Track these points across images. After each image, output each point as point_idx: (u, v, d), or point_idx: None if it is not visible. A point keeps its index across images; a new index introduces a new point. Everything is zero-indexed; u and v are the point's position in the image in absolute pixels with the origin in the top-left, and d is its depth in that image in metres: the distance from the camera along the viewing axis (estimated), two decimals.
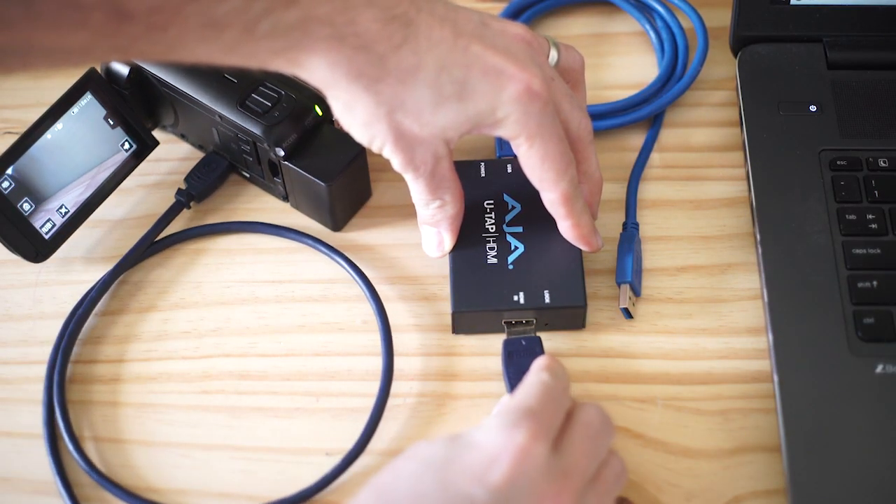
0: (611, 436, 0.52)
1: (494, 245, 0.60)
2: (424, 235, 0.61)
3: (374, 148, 0.56)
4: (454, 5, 0.55)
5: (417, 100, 0.53)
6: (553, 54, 0.59)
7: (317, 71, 0.52)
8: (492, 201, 0.62)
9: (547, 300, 0.58)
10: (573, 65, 0.60)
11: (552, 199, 0.58)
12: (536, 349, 0.58)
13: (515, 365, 0.58)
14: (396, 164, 0.56)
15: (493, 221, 0.61)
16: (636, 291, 0.61)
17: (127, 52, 0.51)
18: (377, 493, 0.47)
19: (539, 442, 0.48)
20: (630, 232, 0.62)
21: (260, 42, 0.49)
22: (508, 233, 0.61)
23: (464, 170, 0.63)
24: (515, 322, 0.59)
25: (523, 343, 0.59)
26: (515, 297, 0.58)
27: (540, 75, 0.54)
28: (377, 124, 0.54)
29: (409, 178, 0.57)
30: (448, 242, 0.60)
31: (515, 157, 0.64)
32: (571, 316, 0.59)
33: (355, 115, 0.54)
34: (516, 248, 0.60)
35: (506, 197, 0.62)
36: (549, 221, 0.60)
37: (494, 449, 0.47)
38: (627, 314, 0.60)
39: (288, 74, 0.53)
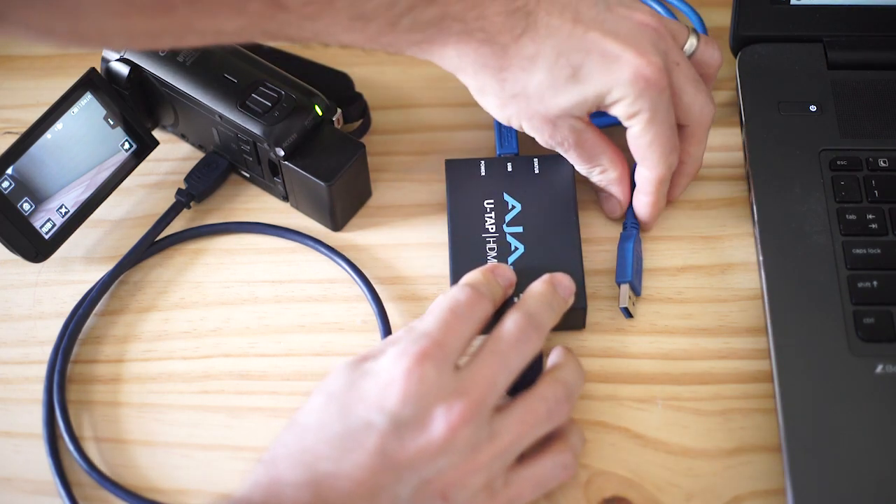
0: (527, 355, 0.53)
1: (494, 245, 0.60)
2: (601, 200, 0.64)
3: (515, 126, 0.60)
4: None
5: (538, 84, 0.56)
6: (692, 41, 0.61)
7: (448, 60, 0.57)
8: (492, 200, 0.62)
9: None
10: (709, 59, 0.62)
11: (647, 177, 0.60)
12: None
13: None
14: (540, 140, 0.60)
15: (493, 221, 0.61)
16: (636, 291, 0.61)
17: (275, 35, 0.54)
18: (292, 427, 0.50)
19: (430, 362, 0.50)
20: (630, 231, 0.62)
21: (400, 35, 0.55)
22: (508, 233, 0.61)
23: (463, 168, 0.63)
24: None
25: None
26: (515, 299, 0.58)
27: (657, 61, 0.56)
28: (509, 107, 0.58)
29: (559, 151, 0.61)
30: (619, 204, 0.63)
31: (516, 154, 0.64)
32: (572, 317, 0.59)
33: (488, 98, 0.59)
34: (516, 248, 0.60)
35: (506, 196, 0.62)
36: (549, 222, 0.60)
37: (388, 375, 0.50)
38: (627, 314, 0.60)
39: (419, 58, 0.58)
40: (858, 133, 0.63)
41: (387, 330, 0.60)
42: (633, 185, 0.62)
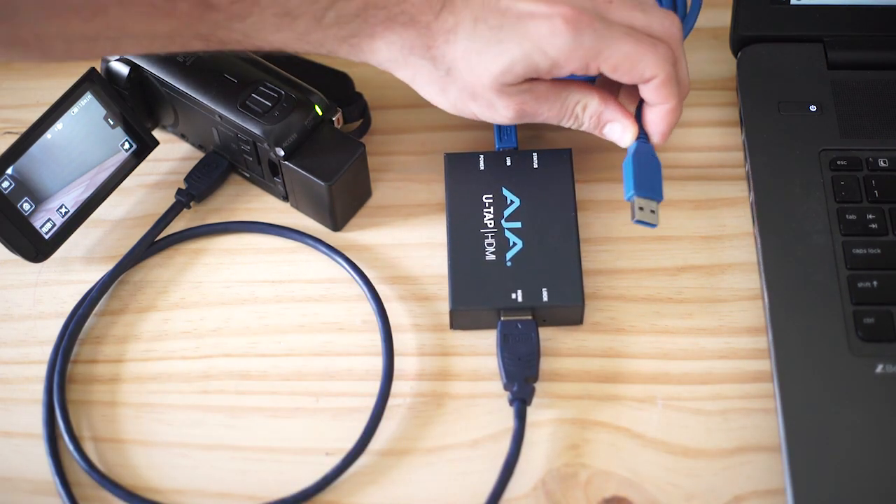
0: None
1: (493, 241, 0.60)
2: (607, 136, 0.61)
3: (468, 116, 0.59)
4: None
5: (463, 52, 0.56)
6: None
7: (379, 54, 0.57)
8: (490, 195, 0.62)
9: (545, 298, 0.58)
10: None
11: (656, 83, 0.57)
12: (532, 334, 0.58)
13: (510, 348, 0.58)
14: (502, 119, 0.59)
15: (491, 216, 0.61)
16: (656, 197, 0.58)
17: (207, 39, 0.55)
18: None
19: None
20: (634, 144, 0.59)
21: (327, 31, 0.56)
22: (507, 228, 0.61)
23: (462, 162, 0.63)
24: (513, 318, 0.59)
25: (519, 326, 0.58)
26: (513, 296, 0.58)
27: (574, 7, 0.55)
28: (449, 90, 0.58)
29: (529, 121, 0.59)
30: (618, 130, 0.60)
31: (515, 148, 0.64)
32: (569, 313, 0.59)
33: (428, 88, 0.59)
34: (514, 244, 0.60)
35: (504, 191, 0.62)
36: (547, 218, 0.61)
37: None
38: (647, 224, 0.57)
39: (356, 61, 0.58)
40: (858, 133, 0.63)
41: (387, 330, 0.60)
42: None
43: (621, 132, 0.60)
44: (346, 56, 0.58)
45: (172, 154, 0.68)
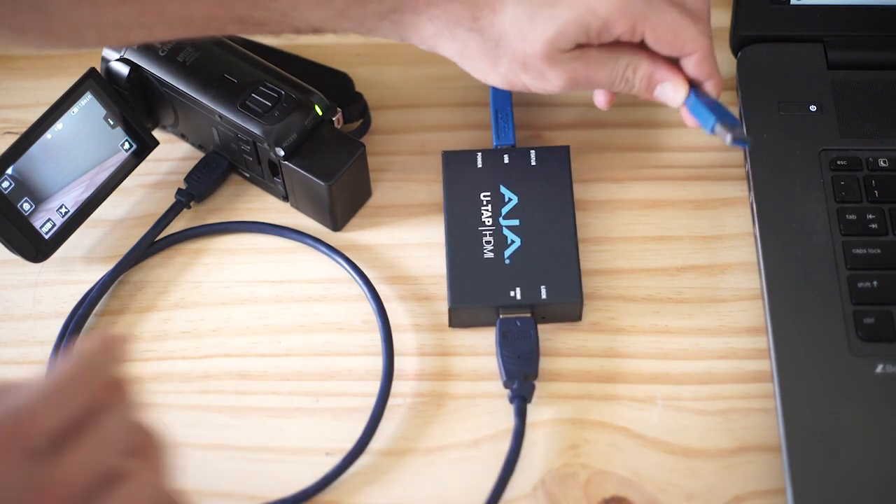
0: (120, 444, 0.41)
1: (491, 239, 0.60)
2: (660, 96, 0.59)
3: (519, 88, 0.57)
4: None
5: (514, 20, 0.55)
6: None
7: (421, 29, 0.56)
8: (488, 193, 0.62)
9: (544, 296, 0.59)
10: None
11: (697, 59, 0.57)
12: (531, 331, 0.58)
13: (510, 346, 0.58)
14: (554, 89, 0.57)
15: (489, 214, 0.61)
16: (730, 120, 0.56)
17: (244, 22, 0.53)
18: None
19: (7, 454, 0.37)
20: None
21: (367, 6, 0.54)
22: (505, 226, 0.61)
23: (460, 160, 0.63)
24: (512, 316, 0.59)
25: (518, 324, 0.59)
26: (512, 293, 0.59)
27: None
28: (500, 62, 0.56)
29: (583, 89, 0.58)
30: (670, 90, 0.58)
31: (513, 146, 0.64)
32: (568, 310, 0.59)
33: (477, 62, 0.57)
34: (513, 241, 0.60)
35: (502, 188, 0.62)
36: (545, 215, 0.61)
37: None
38: (744, 143, 0.56)
39: (397, 41, 0.56)
40: (858, 133, 0.63)
41: (387, 330, 0.60)
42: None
43: (673, 91, 0.58)
44: (387, 35, 0.56)
45: (172, 154, 0.68)
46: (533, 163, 0.63)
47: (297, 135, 0.62)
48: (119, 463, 0.40)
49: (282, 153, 0.61)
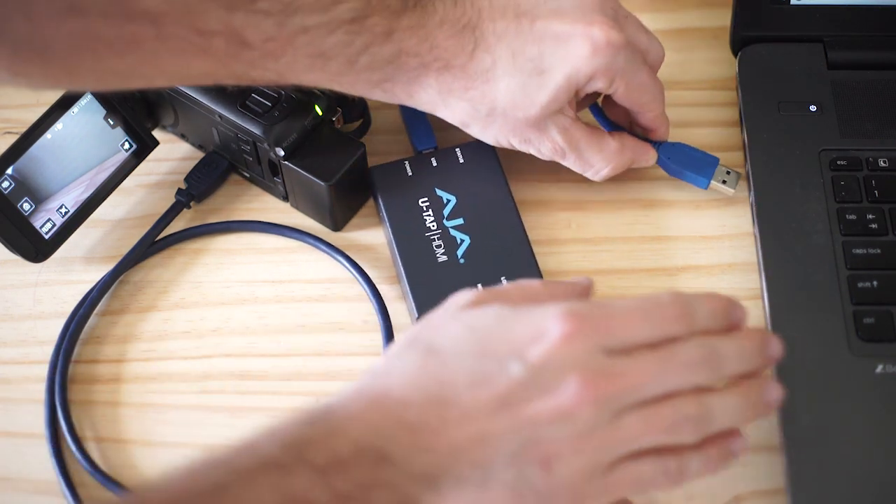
0: (687, 383, 0.48)
1: (440, 242, 0.60)
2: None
3: (506, 146, 0.60)
4: None
5: (506, 90, 0.56)
6: None
7: (414, 97, 0.58)
8: (426, 198, 0.62)
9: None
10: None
11: (655, 115, 0.61)
12: None
13: None
14: (537, 153, 0.60)
15: (433, 219, 0.61)
16: (712, 166, 0.63)
17: (241, 77, 0.55)
18: (415, 346, 0.48)
19: (589, 334, 0.46)
20: (659, 151, 0.63)
21: (360, 74, 0.56)
22: (450, 227, 0.61)
23: (389, 172, 0.63)
24: None
25: None
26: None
27: (609, 23, 0.56)
28: (490, 127, 0.59)
29: (562, 162, 0.61)
30: (643, 159, 0.63)
31: (435, 149, 0.64)
32: None
33: (470, 127, 0.59)
34: (462, 240, 0.60)
35: (438, 191, 0.62)
36: (486, 208, 0.61)
37: (543, 327, 0.47)
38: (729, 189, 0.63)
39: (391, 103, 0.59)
40: (858, 133, 0.63)
41: (388, 329, 0.60)
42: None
43: (647, 159, 0.63)
44: (379, 98, 0.58)
45: (172, 154, 0.68)
46: (461, 160, 0.63)
47: (297, 135, 0.62)
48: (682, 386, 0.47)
49: (282, 153, 0.61)
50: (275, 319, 0.62)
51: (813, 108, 0.64)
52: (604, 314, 0.48)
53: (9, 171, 0.60)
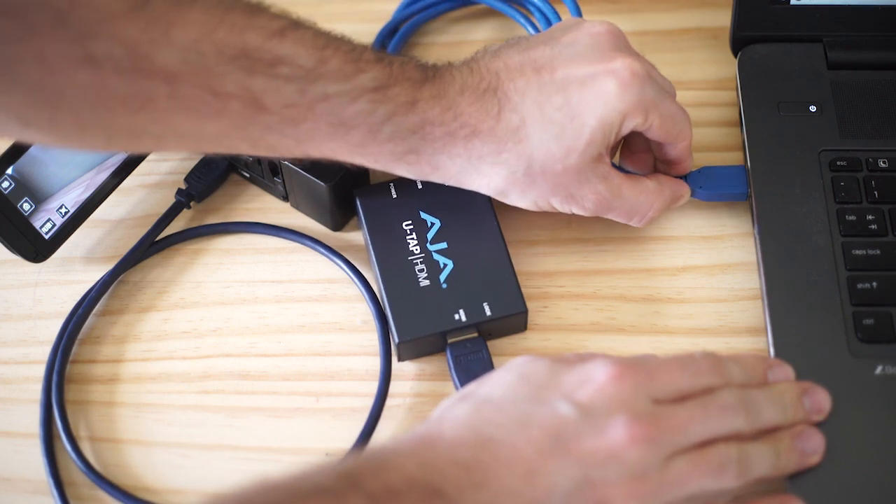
0: (728, 428, 0.50)
1: (423, 266, 0.60)
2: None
3: (550, 209, 0.58)
4: (522, 43, 0.57)
5: (540, 144, 0.55)
6: None
7: (442, 169, 0.56)
8: (410, 222, 0.61)
9: (488, 312, 0.58)
10: None
11: (686, 144, 0.60)
12: (482, 351, 0.58)
13: (464, 369, 0.58)
14: (580, 210, 0.58)
15: (416, 242, 0.61)
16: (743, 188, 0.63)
17: (256, 143, 0.53)
18: (469, 398, 0.50)
19: (635, 380, 0.49)
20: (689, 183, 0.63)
21: (383, 145, 0.54)
22: (434, 251, 0.60)
23: (374, 195, 0.62)
24: (461, 339, 0.59)
25: (468, 346, 0.58)
26: (456, 316, 0.58)
27: (628, 56, 0.56)
28: (530, 190, 0.57)
29: (607, 215, 0.59)
30: (680, 195, 0.62)
31: None
32: (514, 322, 0.59)
33: (507, 193, 0.57)
34: (445, 265, 0.60)
35: (423, 214, 0.61)
36: (470, 232, 0.60)
37: (590, 373, 0.50)
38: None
39: (418, 179, 0.58)
40: (858, 133, 0.63)
41: (386, 330, 0.60)
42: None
43: (684, 194, 0.62)
44: (406, 175, 0.57)
45: (172, 154, 0.68)
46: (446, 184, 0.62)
47: None
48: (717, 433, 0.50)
49: None
50: (274, 319, 0.62)
51: (813, 108, 0.64)
52: (645, 365, 0.51)
53: (9, 171, 0.60)
